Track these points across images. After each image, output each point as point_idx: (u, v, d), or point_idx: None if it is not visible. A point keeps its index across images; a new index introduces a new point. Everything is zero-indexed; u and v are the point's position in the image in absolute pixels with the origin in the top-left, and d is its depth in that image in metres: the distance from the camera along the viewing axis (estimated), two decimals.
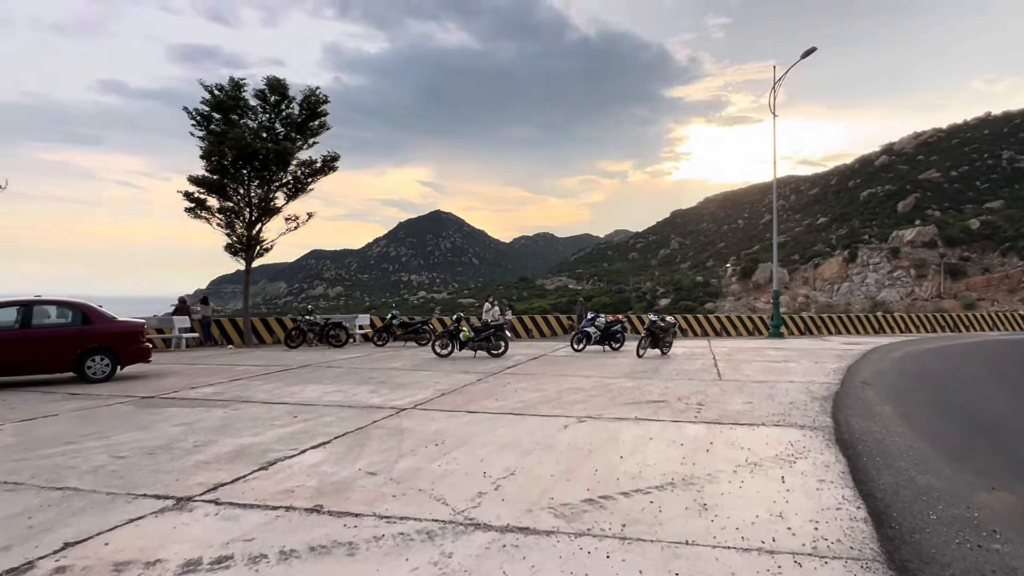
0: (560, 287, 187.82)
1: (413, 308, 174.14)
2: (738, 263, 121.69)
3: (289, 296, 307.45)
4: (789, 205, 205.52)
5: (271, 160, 18.13)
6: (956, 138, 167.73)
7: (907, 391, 9.92)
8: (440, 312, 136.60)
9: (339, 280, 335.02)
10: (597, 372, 12.29)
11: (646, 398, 9.21)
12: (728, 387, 10.27)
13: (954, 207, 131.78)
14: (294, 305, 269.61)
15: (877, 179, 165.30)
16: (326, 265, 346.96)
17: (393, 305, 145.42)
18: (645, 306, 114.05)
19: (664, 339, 15.77)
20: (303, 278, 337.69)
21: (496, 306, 21.04)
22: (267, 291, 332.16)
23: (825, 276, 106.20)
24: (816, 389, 10.04)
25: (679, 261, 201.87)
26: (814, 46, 22.49)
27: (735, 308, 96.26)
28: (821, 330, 26.67)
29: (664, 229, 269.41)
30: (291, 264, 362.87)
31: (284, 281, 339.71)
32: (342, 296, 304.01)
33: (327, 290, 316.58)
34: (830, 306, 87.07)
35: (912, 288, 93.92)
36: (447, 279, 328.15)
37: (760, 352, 16.70)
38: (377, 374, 12.06)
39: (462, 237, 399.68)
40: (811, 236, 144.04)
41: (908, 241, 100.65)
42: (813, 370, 12.64)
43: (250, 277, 19.44)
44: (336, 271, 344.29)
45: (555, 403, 8.82)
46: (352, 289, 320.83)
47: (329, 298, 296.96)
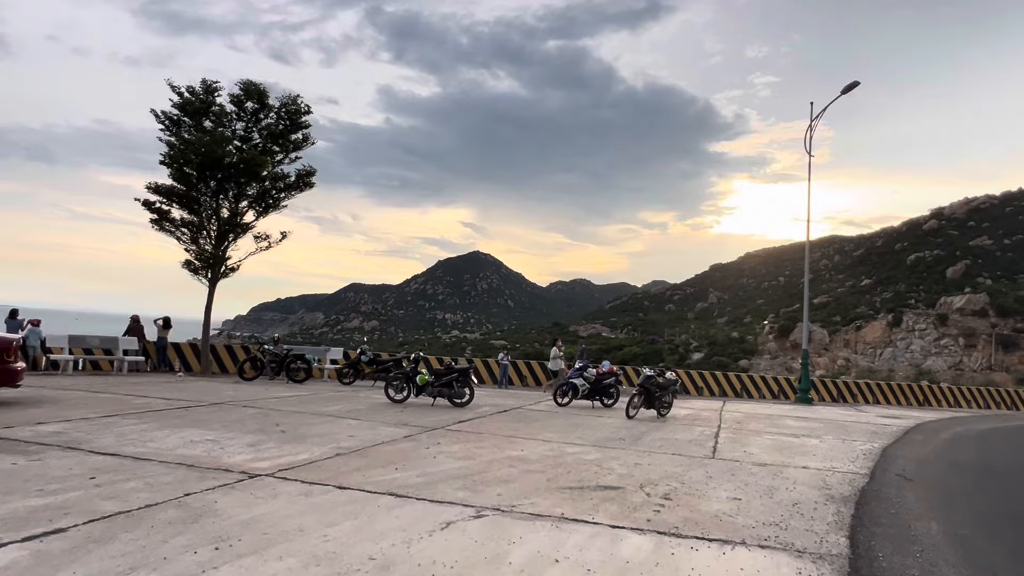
0: (594, 334, 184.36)
1: (444, 347, 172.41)
2: (776, 321, 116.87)
3: (325, 327, 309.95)
4: (832, 265, 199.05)
5: (239, 171, 16.47)
6: (1009, 206, 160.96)
7: (960, 494, 7.35)
8: (471, 352, 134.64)
9: (375, 314, 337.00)
10: (562, 437, 9.93)
11: (598, 481, 6.86)
12: (718, 470, 7.84)
13: (1007, 276, 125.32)
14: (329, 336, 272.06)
15: (925, 243, 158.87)
16: (364, 299, 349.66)
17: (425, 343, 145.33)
18: (677, 359, 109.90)
19: (662, 398, 13.31)
20: (340, 310, 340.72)
21: (563, 351, 18.95)
22: (304, 321, 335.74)
23: (867, 340, 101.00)
24: (835, 482, 7.54)
25: (716, 315, 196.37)
26: (857, 81, 20.28)
27: (771, 367, 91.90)
28: (856, 398, 23.67)
29: (703, 282, 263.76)
30: (330, 296, 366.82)
31: (322, 312, 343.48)
32: (376, 330, 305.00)
33: (363, 323, 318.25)
34: (872, 371, 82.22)
35: (960, 358, 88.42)
36: (481, 320, 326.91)
37: (778, 421, 14.08)
38: (290, 421, 9.92)
39: (499, 279, 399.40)
40: (854, 298, 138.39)
41: (957, 308, 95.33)
42: (837, 451, 10.07)
43: (213, 298, 17.58)
44: (373, 305, 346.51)
45: (470, 481, 6.54)
46: (387, 324, 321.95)
47: (364, 331, 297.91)
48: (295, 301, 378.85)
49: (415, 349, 15.61)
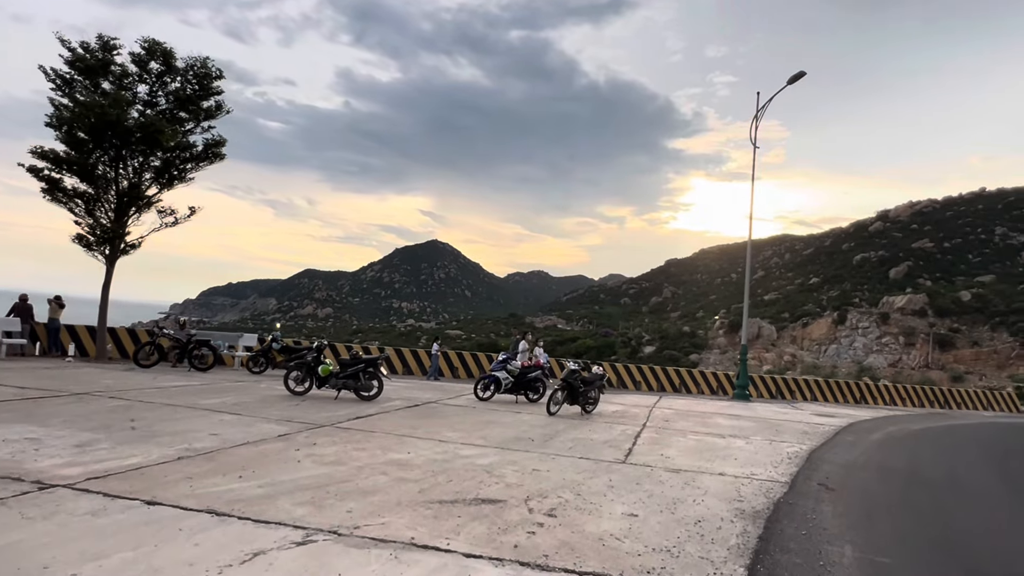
0: (550, 326, 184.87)
1: (400, 336, 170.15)
2: (727, 316, 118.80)
3: (278, 313, 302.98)
4: (783, 263, 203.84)
5: (140, 138, 14.94)
6: (951, 210, 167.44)
7: (884, 509, 6.66)
8: (425, 341, 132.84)
9: (330, 301, 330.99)
10: (464, 436, 8.97)
11: (480, 492, 5.92)
12: (624, 478, 6.99)
13: (946, 278, 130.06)
14: (280, 323, 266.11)
15: (871, 244, 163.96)
16: (318, 285, 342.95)
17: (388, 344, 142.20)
18: (630, 352, 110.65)
19: (587, 394, 12.49)
20: (294, 296, 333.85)
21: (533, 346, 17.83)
22: (256, 306, 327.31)
23: (814, 336, 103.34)
24: (750, 492, 6.77)
25: (670, 310, 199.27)
26: (803, 71, 19.80)
27: (720, 361, 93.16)
28: (795, 394, 23.41)
29: (658, 277, 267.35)
30: (283, 281, 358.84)
31: (275, 298, 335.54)
32: (331, 318, 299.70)
33: (316, 310, 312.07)
34: (816, 367, 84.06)
35: (900, 356, 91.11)
36: (438, 309, 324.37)
37: (709, 419, 13.42)
38: (152, 415, 8.71)
39: (457, 268, 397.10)
40: (802, 295, 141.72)
41: (898, 308, 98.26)
42: (762, 454, 9.38)
43: (111, 277, 16.00)
44: (328, 292, 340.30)
45: (323, 493, 5.53)
46: (342, 311, 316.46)
47: (318, 318, 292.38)
48: (247, 286, 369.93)
49: (319, 336, 14.43)
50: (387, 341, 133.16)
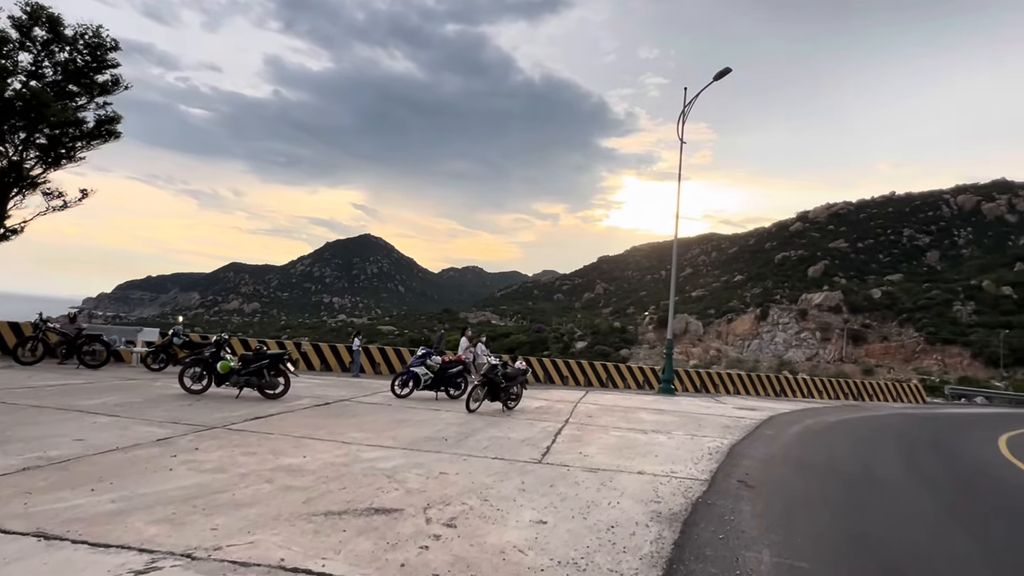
0: (484, 322, 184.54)
1: (330, 331, 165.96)
2: (656, 312, 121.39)
3: (201, 308, 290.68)
4: (710, 261, 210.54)
5: (22, 111, 13.49)
6: (864, 212, 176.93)
7: (803, 506, 6.44)
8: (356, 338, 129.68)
9: (257, 296, 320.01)
10: (372, 436, 8.34)
11: (375, 500, 5.33)
12: (538, 480, 6.54)
13: (859, 276, 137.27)
14: (204, 318, 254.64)
15: (791, 244, 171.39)
16: (244, 279, 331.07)
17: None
18: (562, 347, 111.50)
19: (509, 390, 12.04)
20: (219, 290, 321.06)
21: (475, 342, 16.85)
22: (178, 301, 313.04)
23: (738, 332, 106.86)
24: (668, 492, 6.44)
25: (602, 306, 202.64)
26: (728, 68, 19.98)
27: (649, 356, 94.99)
28: (719, 388, 23.73)
29: (591, 273, 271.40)
30: (207, 275, 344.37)
31: (198, 292, 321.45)
32: (258, 313, 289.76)
33: (243, 305, 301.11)
34: (740, 361, 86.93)
35: (817, 350, 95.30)
36: (370, 304, 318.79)
37: (633, 414, 13.21)
38: (10, 418, 7.70)
39: (390, 263, 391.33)
40: (728, 292, 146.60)
41: (816, 304, 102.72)
42: (683, 449, 9.14)
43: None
44: (255, 286, 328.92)
45: (190, 507, 4.82)
46: (270, 306, 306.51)
47: (244, 314, 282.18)
48: (168, 280, 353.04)
49: (219, 332, 13.42)
50: (317, 337, 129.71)
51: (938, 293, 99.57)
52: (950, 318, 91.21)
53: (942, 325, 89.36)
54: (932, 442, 13.04)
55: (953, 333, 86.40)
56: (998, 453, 12.03)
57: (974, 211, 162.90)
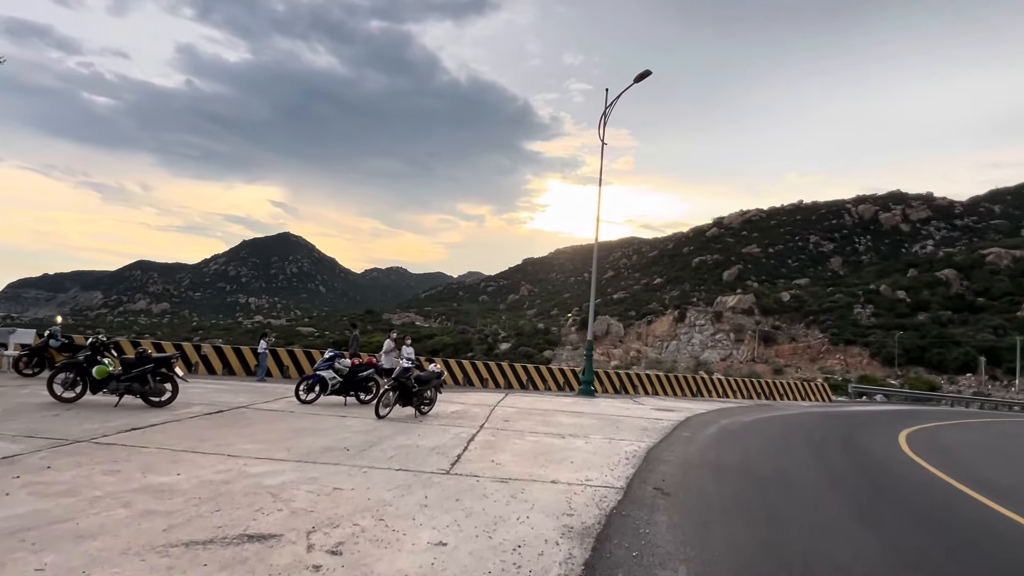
0: (408, 323, 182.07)
1: (245, 333, 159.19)
2: (579, 314, 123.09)
3: (104, 309, 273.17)
4: (631, 264, 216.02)
5: None
6: (774, 219, 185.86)
7: (719, 514, 6.19)
8: (275, 339, 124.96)
9: (166, 296, 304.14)
10: (264, 449, 7.58)
11: (250, 525, 4.66)
12: (443, 494, 6.01)
13: (770, 280, 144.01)
14: (108, 319, 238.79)
15: (708, 248, 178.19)
16: (153, 278, 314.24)
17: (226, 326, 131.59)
18: (486, 349, 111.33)
19: (422, 394, 11.44)
20: (124, 290, 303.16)
21: (401, 344, 15.42)
22: (79, 300, 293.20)
23: (657, 333, 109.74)
24: (582, 503, 6.05)
25: (526, 307, 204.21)
26: (648, 70, 20.10)
27: (572, 357, 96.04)
28: (638, 389, 23.89)
29: (515, 275, 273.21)
30: (112, 273, 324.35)
31: (101, 292, 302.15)
32: (168, 313, 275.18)
33: (151, 305, 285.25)
34: (659, 362, 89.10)
35: (731, 351, 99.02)
36: (289, 305, 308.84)
37: (551, 417, 12.88)
38: None
39: (311, 263, 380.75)
40: (648, 294, 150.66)
41: (730, 307, 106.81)
42: (600, 455, 8.83)
43: None
44: (164, 286, 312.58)
45: (16, 540, 4.03)
46: (180, 307, 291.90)
47: (152, 314, 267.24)
48: (66, 278, 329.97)
49: (96, 332, 12.18)
50: (232, 339, 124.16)
51: (841, 297, 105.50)
52: (851, 320, 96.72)
53: (844, 327, 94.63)
54: (840, 440, 13.36)
55: (854, 334, 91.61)
56: (900, 450, 12.41)
57: (873, 220, 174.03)
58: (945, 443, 14.93)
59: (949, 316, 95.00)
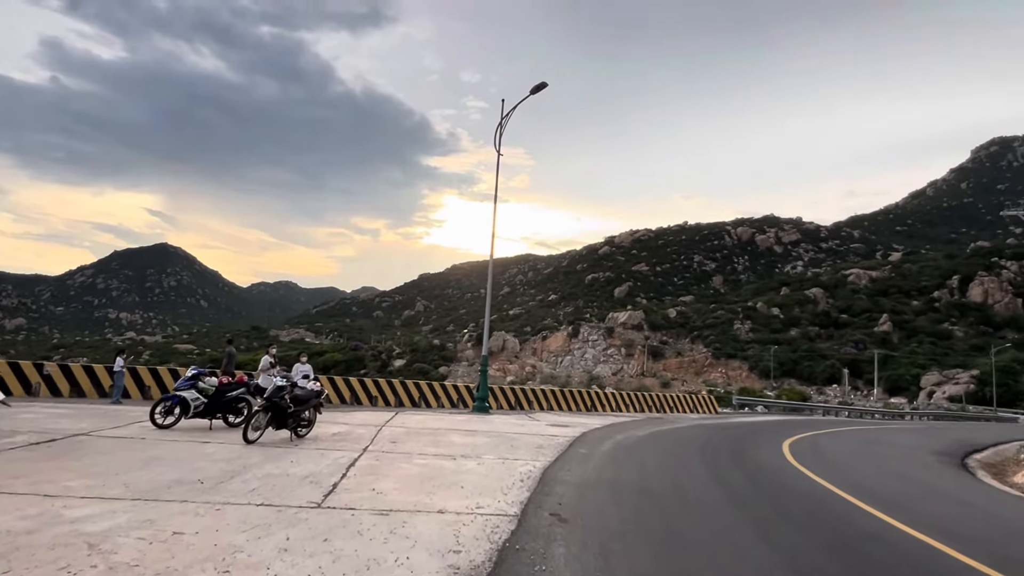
0: (297, 339, 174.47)
1: (113, 351, 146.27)
2: (475, 330, 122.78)
3: None
4: (527, 280, 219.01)
5: None
6: (662, 239, 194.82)
7: (618, 541, 5.71)
8: (148, 357, 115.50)
9: (23, 310, 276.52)
10: (95, 485, 6.35)
11: None
12: (309, 533, 5.14)
13: (658, 297, 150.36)
14: None
15: (600, 266, 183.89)
16: (7, 291, 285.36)
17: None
18: (380, 365, 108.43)
19: (299, 415, 10.37)
20: None
21: (297, 364, 13.35)
22: None
23: (551, 348, 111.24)
24: (471, 536, 5.37)
25: (422, 323, 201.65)
26: (545, 82, 20.00)
27: (468, 373, 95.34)
28: (533, 405, 23.56)
29: (411, 291, 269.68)
30: None
31: None
32: (24, 329, 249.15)
33: (3, 320, 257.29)
34: (553, 377, 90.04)
35: (622, 365, 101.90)
36: (166, 321, 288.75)
37: (442, 437, 12.12)
38: None
39: (191, 276, 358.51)
40: (543, 310, 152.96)
41: (621, 323, 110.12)
42: (493, 477, 8.19)
43: None
44: (20, 299, 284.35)
45: None
46: (40, 322, 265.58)
47: (5, 331, 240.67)
48: None
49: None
50: (99, 357, 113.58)
51: (722, 313, 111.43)
52: (732, 335, 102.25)
53: (726, 342, 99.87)
54: (731, 453, 13.47)
55: (734, 349, 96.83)
56: (788, 462, 12.64)
57: (750, 242, 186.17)
58: (824, 453, 15.49)
59: (817, 331, 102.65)
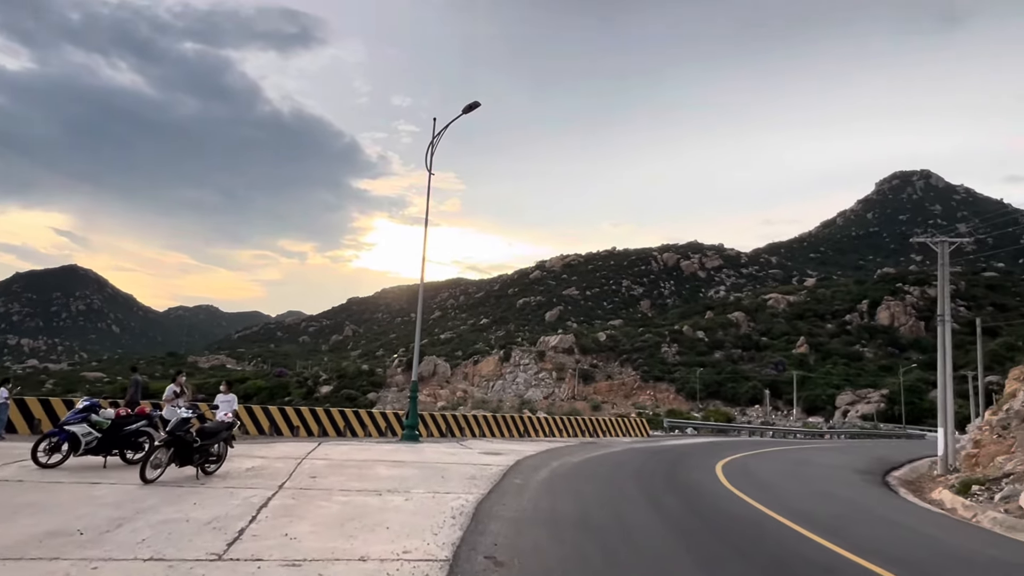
0: (217, 366, 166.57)
1: (16, 380, 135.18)
2: (405, 354, 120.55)
3: None
4: (458, 305, 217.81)
5: None
6: (591, 264, 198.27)
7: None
8: (50, 387, 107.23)
9: None
10: None
11: None
12: None
13: (587, 320, 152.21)
14: None
15: (531, 290, 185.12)
16: None
17: None
18: (306, 392, 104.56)
19: (207, 449, 9.39)
20: None
21: (193, 392, 11.89)
22: None
23: (483, 373, 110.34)
24: None
25: (350, 348, 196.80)
26: (477, 101, 19.69)
27: (397, 399, 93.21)
28: (465, 431, 22.84)
29: (339, 315, 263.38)
30: None
31: None
32: None
33: None
34: (485, 402, 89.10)
35: (553, 389, 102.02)
36: (74, 347, 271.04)
37: (368, 470, 11.32)
38: None
39: (102, 300, 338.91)
40: (474, 335, 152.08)
41: (552, 346, 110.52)
42: (423, 514, 7.53)
43: None
44: None
45: None
46: None
47: None
48: None
49: None
50: None
51: (650, 336, 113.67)
52: (659, 358, 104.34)
53: (653, 364, 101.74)
54: (668, 478, 13.23)
55: (662, 371, 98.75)
56: (724, 487, 12.48)
57: (675, 267, 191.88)
58: (756, 475, 15.51)
59: (740, 354, 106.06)
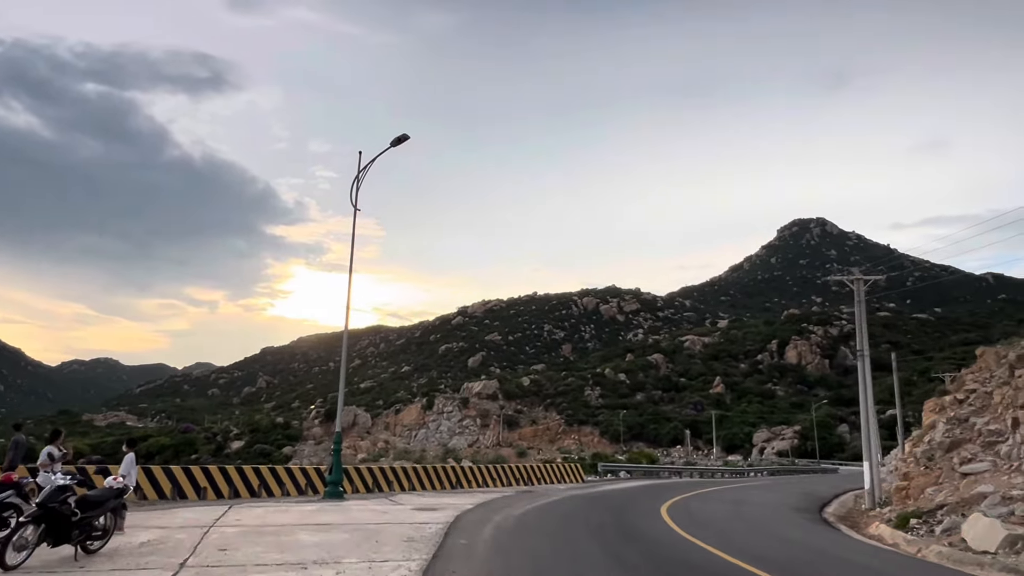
0: (115, 424, 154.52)
1: None
2: (324, 405, 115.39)
3: None
4: (378, 352, 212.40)
5: None
6: (513, 309, 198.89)
7: None
8: None
9: None
10: None
11: None
12: None
13: (511, 365, 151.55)
14: None
15: (453, 336, 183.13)
16: None
17: None
18: (215, 449, 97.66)
19: (91, 522, 7.79)
20: None
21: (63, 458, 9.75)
22: None
23: (405, 422, 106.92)
24: None
25: (264, 400, 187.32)
26: (406, 134, 18.92)
27: (315, 452, 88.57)
28: (392, 485, 21.21)
29: (252, 366, 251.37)
30: None
31: None
32: None
33: None
34: (408, 452, 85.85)
35: (478, 436, 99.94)
36: None
37: (288, 536, 9.84)
38: None
39: None
40: (395, 383, 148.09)
41: (476, 393, 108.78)
42: None
43: None
44: None
45: None
46: None
47: None
48: None
49: None
50: None
51: (573, 380, 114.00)
52: (583, 401, 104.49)
53: (577, 408, 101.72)
54: (618, 528, 12.41)
55: (586, 415, 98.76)
56: (677, 534, 11.76)
57: (595, 311, 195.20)
58: (702, 518, 14.96)
59: (660, 395, 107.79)
